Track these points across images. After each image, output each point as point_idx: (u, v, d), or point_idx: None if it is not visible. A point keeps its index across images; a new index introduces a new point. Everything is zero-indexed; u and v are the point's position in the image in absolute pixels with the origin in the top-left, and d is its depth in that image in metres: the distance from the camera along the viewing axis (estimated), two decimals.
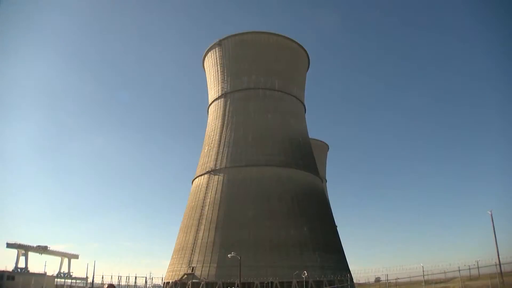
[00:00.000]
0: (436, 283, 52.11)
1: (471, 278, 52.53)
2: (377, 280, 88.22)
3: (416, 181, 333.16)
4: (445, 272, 59.15)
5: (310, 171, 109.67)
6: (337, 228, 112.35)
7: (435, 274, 57.27)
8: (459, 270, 47.72)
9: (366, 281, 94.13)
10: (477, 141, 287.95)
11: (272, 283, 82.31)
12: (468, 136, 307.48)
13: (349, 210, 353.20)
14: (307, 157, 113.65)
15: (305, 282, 71.31)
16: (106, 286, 8.48)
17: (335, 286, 77.62)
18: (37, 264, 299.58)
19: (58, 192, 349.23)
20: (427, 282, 50.37)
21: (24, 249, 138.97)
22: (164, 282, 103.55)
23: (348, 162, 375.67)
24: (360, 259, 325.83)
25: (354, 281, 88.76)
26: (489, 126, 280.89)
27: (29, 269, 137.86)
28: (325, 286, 78.44)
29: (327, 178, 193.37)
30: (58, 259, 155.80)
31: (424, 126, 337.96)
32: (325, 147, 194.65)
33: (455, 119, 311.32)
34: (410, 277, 60.77)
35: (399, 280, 60.66)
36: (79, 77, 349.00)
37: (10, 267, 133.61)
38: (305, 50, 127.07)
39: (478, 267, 57.84)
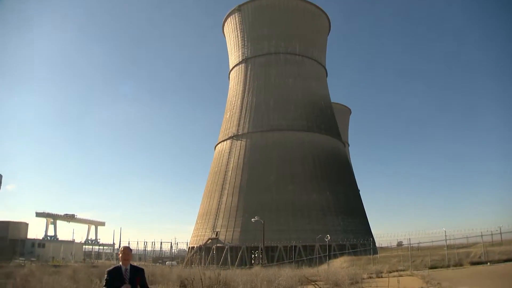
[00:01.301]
0: (458, 248, 52.38)
1: (493, 244, 52.74)
2: (400, 244, 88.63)
3: (440, 146, 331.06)
4: (467, 237, 59.42)
5: (332, 135, 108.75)
6: (360, 192, 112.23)
7: (457, 239, 57.48)
8: (482, 236, 47.93)
9: (389, 245, 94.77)
10: (503, 106, 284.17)
11: (295, 247, 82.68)
12: (494, 103, 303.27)
13: (371, 174, 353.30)
14: (329, 121, 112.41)
15: (328, 245, 72.08)
16: (122, 248, 8.46)
17: (358, 249, 78.43)
18: (65, 231, 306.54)
19: (83, 161, 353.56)
20: (449, 247, 50.71)
21: (52, 217, 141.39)
22: (189, 247, 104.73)
23: (370, 126, 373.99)
24: (383, 224, 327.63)
25: (377, 245, 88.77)
26: None
27: (58, 236, 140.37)
28: (348, 249, 79.13)
29: (349, 142, 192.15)
30: (85, 226, 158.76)
31: (449, 90, 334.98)
32: (347, 111, 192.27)
33: (482, 84, 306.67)
34: (432, 241, 61.23)
35: (421, 245, 61.15)
36: (101, 47, 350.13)
37: (40, 235, 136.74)
38: (325, 14, 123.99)
39: (500, 233, 58.13)
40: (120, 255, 8.76)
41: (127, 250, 8.80)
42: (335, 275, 28.88)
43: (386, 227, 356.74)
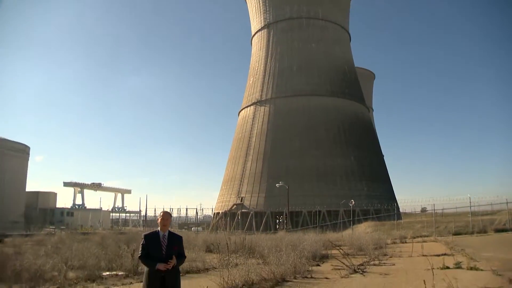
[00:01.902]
0: (482, 215, 52.22)
1: None
2: (423, 210, 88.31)
3: (465, 111, 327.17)
4: (491, 204, 58.91)
5: (356, 100, 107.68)
6: (384, 157, 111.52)
7: (481, 205, 57.07)
8: (507, 203, 47.76)
9: (412, 211, 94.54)
10: None
11: (319, 212, 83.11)
12: None
13: (395, 140, 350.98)
14: (353, 86, 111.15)
15: (352, 211, 72.32)
16: (161, 213, 8.12)
17: (382, 215, 78.53)
18: (92, 200, 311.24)
19: (109, 130, 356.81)
20: (473, 213, 50.48)
21: (79, 187, 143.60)
22: (214, 213, 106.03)
23: (394, 91, 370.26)
24: (407, 189, 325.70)
25: (401, 210, 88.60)
26: None
27: (85, 205, 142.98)
28: (372, 215, 79.29)
29: (373, 107, 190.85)
30: (112, 194, 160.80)
31: (474, 54, 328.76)
32: (371, 76, 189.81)
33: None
34: (456, 208, 60.98)
35: (445, 211, 60.96)
36: (123, 16, 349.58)
37: (68, 204, 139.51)
38: None
39: None
40: (159, 220, 8.32)
41: (166, 215, 8.37)
42: (359, 240, 29.21)
43: (410, 192, 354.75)
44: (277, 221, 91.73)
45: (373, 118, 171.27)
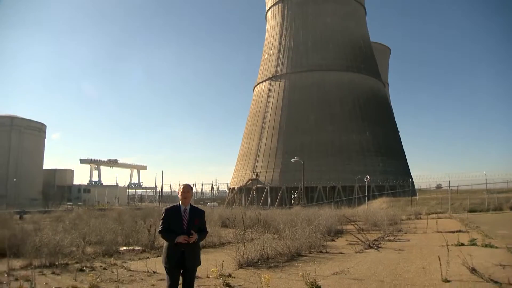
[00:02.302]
0: (498, 192, 51.85)
1: None
2: (439, 187, 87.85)
3: (482, 87, 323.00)
4: (507, 182, 58.70)
5: (372, 75, 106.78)
6: (399, 133, 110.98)
7: (497, 183, 56.71)
8: None
9: (428, 187, 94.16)
10: None
11: (334, 187, 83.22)
12: None
13: (411, 115, 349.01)
14: (369, 61, 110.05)
15: (367, 186, 72.27)
16: (182, 186, 7.79)
17: (397, 191, 78.37)
18: (109, 176, 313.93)
19: (124, 106, 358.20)
20: (489, 191, 50.07)
21: (96, 163, 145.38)
22: (230, 188, 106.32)
23: (411, 67, 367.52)
24: (422, 166, 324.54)
25: (416, 187, 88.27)
26: None
27: (102, 181, 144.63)
28: (387, 191, 79.19)
29: (389, 82, 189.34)
30: (128, 171, 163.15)
31: (493, 30, 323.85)
32: (387, 51, 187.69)
33: None
34: (471, 185, 60.61)
35: (460, 188, 60.52)
36: None
37: (85, 181, 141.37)
38: None
39: None
40: (180, 193, 7.87)
41: (187, 188, 7.96)
42: (374, 215, 29.26)
43: (425, 169, 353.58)
44: (292, 196, 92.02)
45: (389, 94, 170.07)
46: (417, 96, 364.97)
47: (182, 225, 7.54)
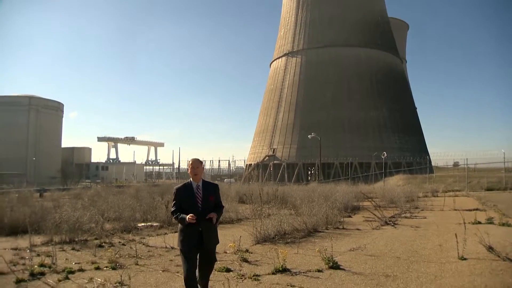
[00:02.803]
0: None
1: None
2: (456, 164, 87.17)
3: (500, 64, 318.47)
4: None
5: (389, 51, 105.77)
6: (417, 110, 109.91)
7: None
8: None
9: (445, 164, 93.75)
10: None
11: (351, 163, 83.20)
12: None
13: (429, 92, 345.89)
14: (386, 36, 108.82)
15: (384, 163, 72.10)
16: (190, 161, 7.20)
17: (413, 168, 78.15)
18: (126, 154, 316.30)
19: (140, 83, 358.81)
20: (507, 169, 49.67)
21: (113, 141, 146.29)
22: (247, 164, 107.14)
23: (429, 42, 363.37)
24: (439, 143, 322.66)
25: (433, 164, 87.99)
26: None
27: (119, 159, 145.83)
28: (403, 168, 79.02)
29: (406, 58, 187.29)
30: (145, 148, 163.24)
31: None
32: (404, 26, 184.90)
33: None
34: (489, 162, 60.13)
35: (478, 166, 59.96)
36: None
37: (103, 159, 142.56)
38: None
39: None
40: (189, 169, 7.15)
41: (196, 162, 7.18)
42: (390, 192, 29.19)
43: (442, 146, 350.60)
44: (309, 172, 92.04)
45: (406, 70, 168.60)
46: (435, 72, 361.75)
47: (196, 203, 6.90)
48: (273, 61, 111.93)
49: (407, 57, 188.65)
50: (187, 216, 6.59)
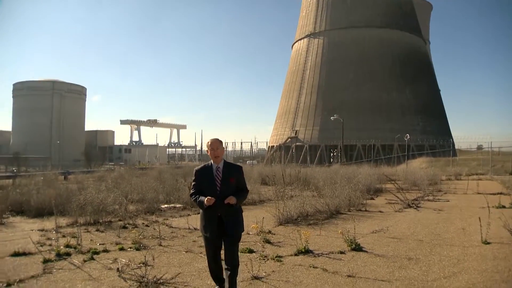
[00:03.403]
0: None
1: None
2: (480, 147, 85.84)
3: None
4: None
5: (412, 32, 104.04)
6: (440, 92, 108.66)
7: None
8: None
9: (468, 148, 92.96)
10: None
11: (373, 146, 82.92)
12: None
13: (453, 74, 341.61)
14: (409, 17, 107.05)
15: (407, 145, 71.70)
16: (209, 142, 6.58)
17: (436, 150, 77.55)
18: (149, 136, 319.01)
19: (162, 66, 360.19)
20: None
21: (136, 124, 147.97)
22: (269, 146, 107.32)
23: (453, 23, 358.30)
24: (463, 126, 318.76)
25: (456, 147, 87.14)
26: None
27: (142, 141, 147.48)
28: (426, 150, 78.47)
29: (430, 40, 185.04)
30: (167, 130, 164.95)
31: None
32: (428, 7, 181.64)
33: None
34: None
35: (502, 149, 59.22)
36: None
37: (126, 141, 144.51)
38: None
39: None
40: (208, 151, 6.65)
41: (215, 143, 6.60)
42: (413, 175, 29.06)
43: (466, 129, 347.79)
44: (331, 154, 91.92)
45: (430, 51, 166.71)
46: (459, 54, 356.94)
47: (214, 186, 6.40)
48: (295, 42, 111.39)
49: (431, 38, 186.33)
50: (205, 199, 6.19)
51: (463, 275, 7.79)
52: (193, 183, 6.70)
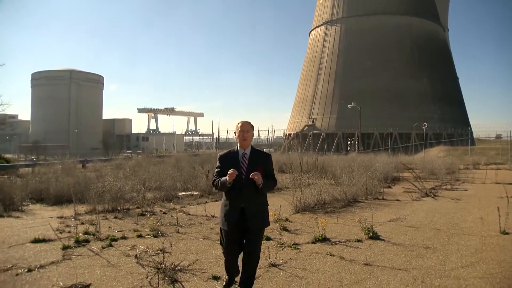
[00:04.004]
0: None
1: None
2: (498, 136, 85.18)
3: None
4: None
5: (431, 19, 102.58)
6: (459, 80, 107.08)
7: None
8: None
9: (487, 136, 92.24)
10: None
11: (391, 134, 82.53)
12: None
13: (472, 62, 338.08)
14: (428, 4, 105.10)
15: (424, 134, 71.22)
16: (240, 124, 5.85)
17: (454, 139, 77.01)
18: (166, 124, 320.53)
19: (179, 54, 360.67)
20: None
21: (153, 112, 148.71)
22: (286, 134, 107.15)
23: (473, 10, 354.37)
24: (482, 114, 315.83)
25: (474, 136, 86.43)
26: None
27: (159, 129, 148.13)
28: (444, 139, 77.95)
29: (449, 27, 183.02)
30: (184, 118, 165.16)
31: None
32: None
33: None
34: None
35: None
36: None
37: (143, 130, 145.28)
38: None
39: None
40: (237, 133, 5.97)
41: (246, 125, 5.99)
42: (431, 163, 28.92)
43: (484, 118, 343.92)
44: (349, 142, 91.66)
45: (449, 39, 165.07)
46: (478, 42, 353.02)
47: (240, 173, 5.70)
48: (312, 30, 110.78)
49: (450, 26, 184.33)
50: (228, 172, 5.55)
51: (481, 265, 7.77)
52: (216, 170, 5.99)
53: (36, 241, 9.26)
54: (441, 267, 7.61)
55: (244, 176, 5.73)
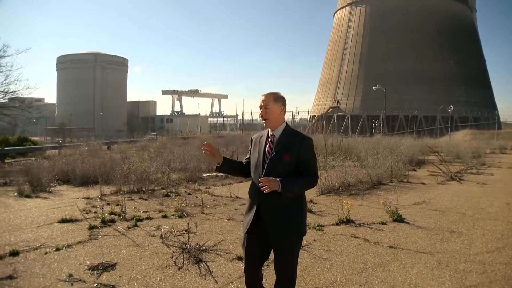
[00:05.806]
0: None
1: None
2: None
3: None
4: None
5: (458, 0, 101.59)
6: (486, 63, 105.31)
7: None
8: None
9: None
10: None
11: (416, 117, 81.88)
12: None
13: (500, 44, 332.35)
14: None
15: (450, 117, 70.50)
16: (263, 97, 4.11)
17: (481, 123, 76.18)
18: (190, 106, 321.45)
19: (204, 36, 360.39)
20: None
21: (177, 94, 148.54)
22: (310, 116, 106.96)
23: None
24: (509, 98, 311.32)
25: (501, 120, 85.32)
26: None
27: (184, 111, 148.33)
28: (470, 122, 77.18)
29: (477, 8, 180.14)
30: (209, 100, 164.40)
31: None
32: None
33: None
34: None
35: None
36: None
37: (167, 112, 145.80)
38: None
39: None
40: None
41: (266, 99, 4.28)
42: (457, 147, 28.67)
43: None
44: (373, 125, 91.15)
45: (476, 20, 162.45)
46: (507, 23, 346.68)
47: (262, 162, 4.15)
48: (337, 11, 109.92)
49: (477, 6, 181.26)
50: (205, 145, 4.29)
51: (507, 250, 7.70)
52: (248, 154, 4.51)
53: (64, 221, 9.40)
54: (466, 251, 7.57)
55: (265, 166, 4.08)
